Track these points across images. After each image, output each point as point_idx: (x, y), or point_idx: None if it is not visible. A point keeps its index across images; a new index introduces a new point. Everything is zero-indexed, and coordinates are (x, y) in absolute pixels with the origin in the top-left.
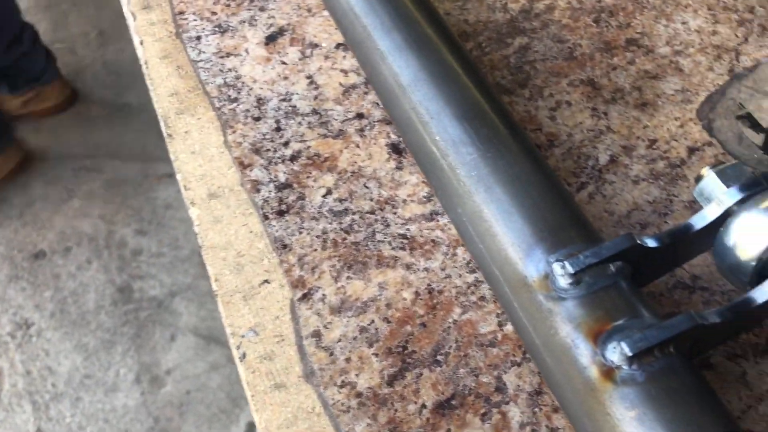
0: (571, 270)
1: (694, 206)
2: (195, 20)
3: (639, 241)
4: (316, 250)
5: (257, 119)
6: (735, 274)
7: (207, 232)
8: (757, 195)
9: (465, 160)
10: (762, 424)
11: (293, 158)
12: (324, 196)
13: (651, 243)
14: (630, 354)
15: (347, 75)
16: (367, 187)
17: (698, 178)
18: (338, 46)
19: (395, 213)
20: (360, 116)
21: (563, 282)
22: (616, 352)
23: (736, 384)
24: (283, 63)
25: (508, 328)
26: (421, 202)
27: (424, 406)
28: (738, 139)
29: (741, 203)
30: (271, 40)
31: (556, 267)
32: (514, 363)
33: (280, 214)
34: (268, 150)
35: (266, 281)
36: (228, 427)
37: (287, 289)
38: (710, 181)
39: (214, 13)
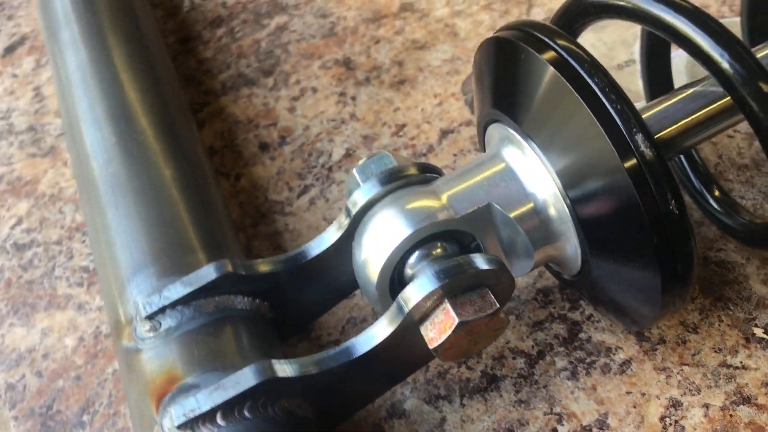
0: (143, 313)
1: None
2: None
3: (233, 269)
4: None
5: None
6: (372, 301)
7: None
8: (393, 192)
9: (93, 174)
10: None
11: None
12: (12, 228)
13: (258, 269)
14: (176, 425)
15: None
16: (61, 213)
17: None
18: None
19: (84, 241)
20: None
21: (142, 329)
22: (170, 422)
23: None
24: (14, 76)
25: None
26: None
27: None
28: None
29: (373, 204)
30: (9, 51)
31: (139, 309)
32: None
33: None
34: None
35: None
36: None
37: None
38: (351, 180)
39: None
